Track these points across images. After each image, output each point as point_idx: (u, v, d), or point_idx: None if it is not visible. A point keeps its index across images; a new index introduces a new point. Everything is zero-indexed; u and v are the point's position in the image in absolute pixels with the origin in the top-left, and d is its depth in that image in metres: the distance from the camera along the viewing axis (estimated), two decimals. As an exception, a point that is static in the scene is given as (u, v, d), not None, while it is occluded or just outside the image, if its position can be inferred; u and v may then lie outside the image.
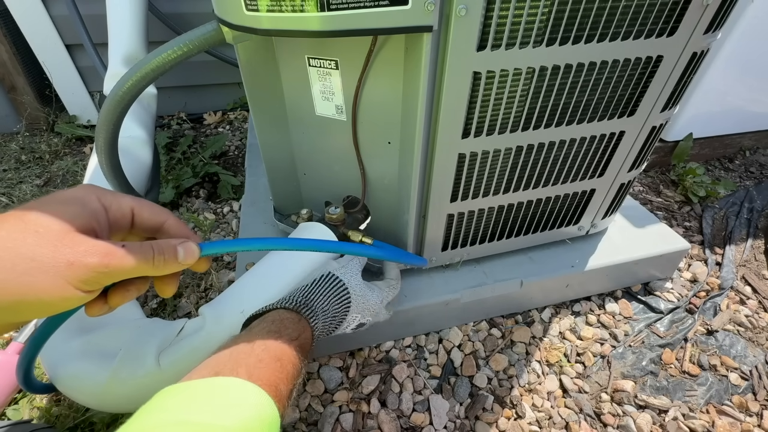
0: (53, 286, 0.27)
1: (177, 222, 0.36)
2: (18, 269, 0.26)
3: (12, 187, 1.20)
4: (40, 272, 0.26)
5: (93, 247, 0.28)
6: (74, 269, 0.27)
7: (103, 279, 0.29)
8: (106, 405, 0.53)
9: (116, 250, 0.29)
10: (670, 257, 0.84)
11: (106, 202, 0.32)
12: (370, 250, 0.53)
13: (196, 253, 0.34)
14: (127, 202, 0.33)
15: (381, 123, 0.56)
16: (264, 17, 0.42)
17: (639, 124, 0.61)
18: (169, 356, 0.52)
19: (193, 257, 0.34)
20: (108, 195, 0.32)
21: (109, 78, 0.95)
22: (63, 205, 0.29)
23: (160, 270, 0.32)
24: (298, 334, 0.45)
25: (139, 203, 0.34)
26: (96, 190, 0.32)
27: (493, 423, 0.67)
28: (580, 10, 0.45)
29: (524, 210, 0.69)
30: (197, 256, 0.34)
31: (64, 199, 0.30)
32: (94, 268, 0.28)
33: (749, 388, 0.73)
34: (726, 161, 1.36)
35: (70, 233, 0.28)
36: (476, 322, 0.81)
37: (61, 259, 0.27)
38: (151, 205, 0.35)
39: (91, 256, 0.28)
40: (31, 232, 0.27)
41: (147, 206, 0.35)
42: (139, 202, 0.34)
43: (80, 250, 0.27)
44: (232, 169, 1.28)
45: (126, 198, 0.34)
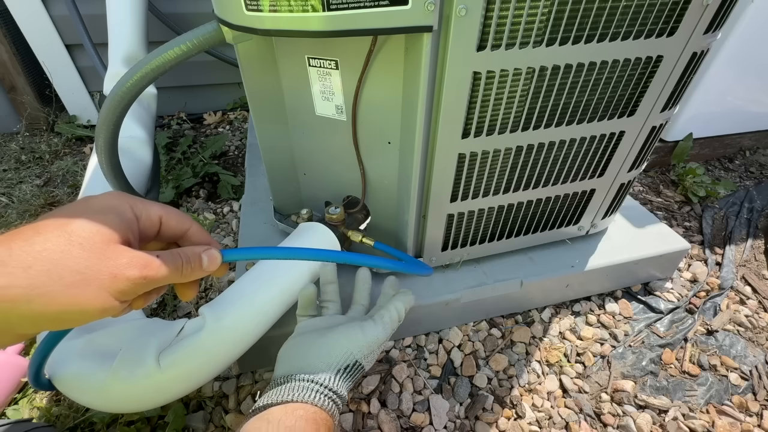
0: (97, 298, 0.28)
1: (199, 229, 0.37)
2: (65, 281, 0.26)
3: (12, 187, 1.20)
4: (86, 285, 0.27)
5: (133, 259, 0.29)
6: (116, 281, 0.28)
7: (141, 289, 0.30)
8: (106, 405, 0.53)
9: (153, 260, 0.30)
10: (670, 257, 0.84)
11: (137, 212, 0.33)
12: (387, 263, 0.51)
13: (218, 260, 0.36)
14: (156, 211, 0.34)
15: (381, 123, 0.56)
16: (264, 17, 0.42)
17: (639, 124, 0.61)
18: (169, 356, 0.52)
19: (215, 264, 0.35)
20: (139, 204, 0.33)
21: (109, 78, 0.95)
22: (101, 215, 0.30)
23: (187, 277, 0.33)
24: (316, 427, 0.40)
25: (167, 211, 0.35)
26: (128, 199, 0.33)
27: (493, 423, 0.67)
28: (580, 10, 0.45)
29: (524, 210, 0.69)
30: (219, 262, 0.36)
31: (101, 208, 0.31)
32: (134, 280, 0.29)
33: (749, 388, 0.73)
34: (726, 161, 1.36)
35: (111, 245, 0.29)
36: (476, 322, 0.81)
37: (105, 272, 0.28)
38: (177, 212, 0.36)
39: (132, 269, 0.29)
40: (75, 244, 0.27)
41: (174, 214, 0.35)
42: (167, 210, 0.35)
43: (122, 263, 0.29)
44: (232, 169, 1.28)
45: (155, 206, 0.34)
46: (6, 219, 1.06)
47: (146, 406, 0.55)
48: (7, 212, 1.08)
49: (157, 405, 0.54)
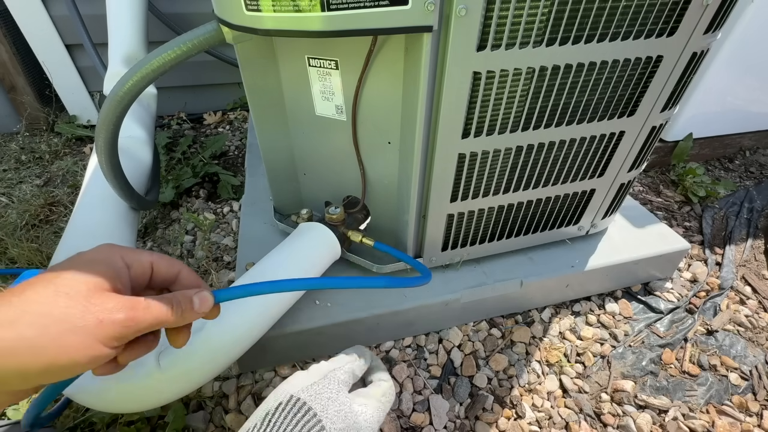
0: (84, 345, 0.27)
1: (189, 272, 0.37)
2: (51, 331, 0.26)
3: (12, 187, 1.20)
4: (72, 333, 0.27)
5: (119, 303, 0.29)
6: (103, 326, 0.28)
7: (130, 333, 0.30)
8: (106, 405, 0.53)
9: (140, 303, 0.30)
10: (670, 257, 0.84)
11: (128, 260, 0.33)
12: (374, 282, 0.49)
13: (210, 302, 0.35)
14: (147, 258, 0.35)
15: (381, 123, 0.56)
16: (264, 17, 0.42)
17: (639, 124, 0.61)
18: (169, 356, 0.52)
19: (207, 305, 0.35)
20: (129, 253, 0.34)
21: (109, 78, 0.95)
22: (89, 266, 0.30)
23: (179, 320, 0.33)
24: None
25: (158, 257, 0.35)
26: (119, 249, 0.33)
27: (493, 423, 0.67)
28: (580, 10, 0.45)
29: (524, 210, 0.69)
30: (211, 304, 0.36)
31: (89, 259, 0.31)
32: (122, 323, 0.29)
33: (749, 388, 0.73)
34: (726, 161, 1.36)
35: (97, 292, 0.29)
36: (476, 322, 0.81)
37: (90, 318, 0.27)
38: (167, 257, 0.36)
39: (119, 312, 0.29)
40: (61, 294, 0.27)
41: (164, 259, 0.36)
42: (157, 256, 0.35)
43: (108, 307, 0.28)
44: (232, 169, 1.28)
45: (145, 253, 0.35)
46: (6, 219, 1.06)
47: (146, 406, 0.55)
48: (7, 212, 1.08)
49: (157, 405, 0.54)
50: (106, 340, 0.28)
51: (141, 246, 1.01)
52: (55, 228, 1.05)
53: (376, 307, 0.69)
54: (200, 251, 0.98)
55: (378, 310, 0.69)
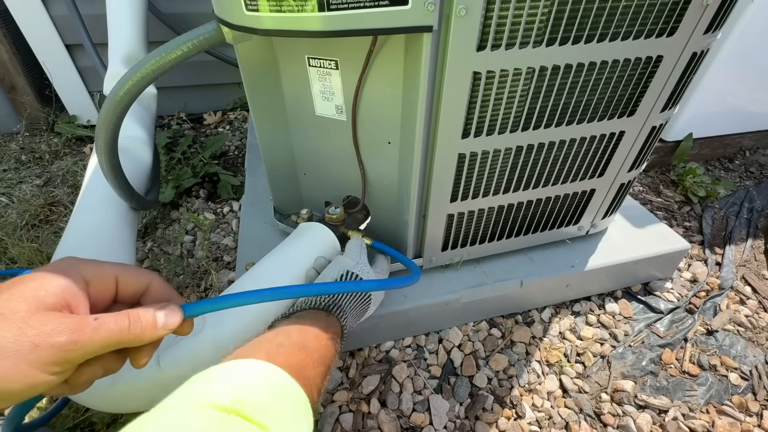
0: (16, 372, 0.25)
1: (161, 283, 0.34)
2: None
3: (12, 187, 1.20)
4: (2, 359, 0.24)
5: (61, 324, 0.26)
6: (40, 351, 0.25)
7: (74, 358, 0.27)
8: (106, 405, 0.53)
9: (87, 323, 0.27)
10: (670, 257, 0.84)
11: (88, 275, 0.30)
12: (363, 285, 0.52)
13: (178, 317, 0.32)
14: (110, 270, 0.32)
15: (381, 123, 0.56)
16: (264, 17, 0.42)
17: (639, 124, 0.61)
18: (169, 357, 0.52)
19: (175, 321, 0.32)
20: (90, 267, 0.31)
21: (109, 78, 0.95)
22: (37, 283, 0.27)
23: (138, 340, 0.30)
24: (326, 325, 0.45)
25: (123, 269, 0.32)
26: (79, 263, 0.31)
27: (493, 423, 0.67)
28: (580, 10, 0.45)
29: (524, 210, 0.69)
30: (180, 319, 0.32)
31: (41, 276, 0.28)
32: (62, 347, 0.26)
33: (749, 388, 0.73)
34: (726, 161, 1.36)
35: (37, 313, 0.26)
36: (476, 322, 0.81)
37: (24, 342, 0.25)
38: (135, 268, 0.33)
39: (59, 335, 0.26)
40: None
41: (132, 271, 0.33)
42: (123, 269, 0.32)
43: (47, 330, 0.25)
44: (232, 169, 1.28)
45: (108, 265, 0.32)
46: (6, 219, 1.06)
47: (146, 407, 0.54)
48: (7, 212, 1.08)
49: (157, 405, 0.54)
50: (42, 366, 0.25)
51: (141, 246, 1.01)
52: (55, 228, 1.05)
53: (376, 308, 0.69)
54: (200, 251, 0.98)
55: (378, 310, 0.69)
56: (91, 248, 0.62)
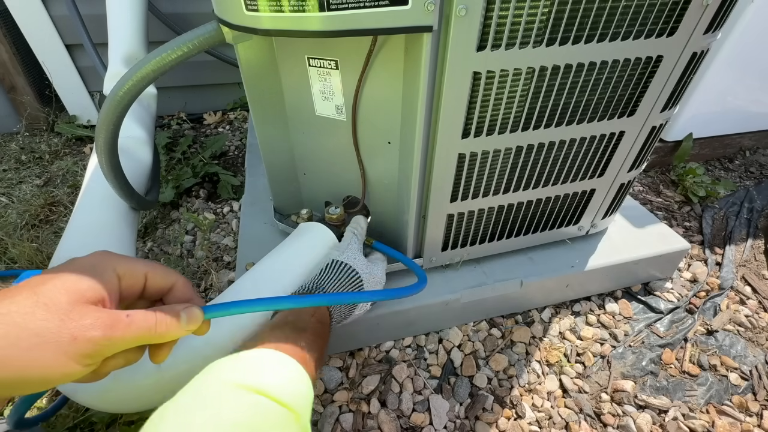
0: (55, 362, 0.26)
1: (185, 283, 0.36)
2: (22, 345, 0.25)
3: (12, 187, 1.20)
4: (43, 348, 0.26)
5: (98, 319, 0.28)
6: (77, 344, 0.27)
7: (106, 351, 0.29)
8: (106, 405, 0.53)
9: (120, 320, 0.29)
10: (670, 257, 0.84)
11: (120, 271, 0.32)
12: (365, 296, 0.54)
13: (199, 318, 0.34)
14: (141, 268, 0.33)
15: (381, 123, 0.56)
16: (264, 17, 0.42)
17: (639, 124, 0.61)
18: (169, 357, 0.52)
19: (196, 322, 0.34)
20: (123, 263, 0.32)
21: (109, 78, 0.95)
22: (76, 275, 0.29)
23: (162, 337, 0.32)
24: (313, 311, 0.50)
25: (152, 268, 0.34)
26: (113, 259, 0.32)
27: (493, 423, 0.67)
28: (580, 10, 0.45)
29: (524, 210, 0.69)
30: (200, 320, 0.34)
31: (79, 267, 0.30)
32: (96, 342, 0.27)
33: (749, 388, 0.73)
34: (726, 161, 1.36)
35: (78, 306, 0.27)
36: (476, 322, 0.81)
37: (64, 334, 0.26)
38: (163, 268, 0.35)
39: (95, 330, 0.27)
40: (41, 305, 0.26)
41: (160, 270, 0.35)
42: (153, 267, 0.34)
43: (85, 324, 0.27)
44: (232, 169, 1.28)
45: (140, 263, 0.34)
46: (6, 219, 1.06)
47: (146, 406, 0.55)
48: (7, 212, 1.08)
49: (157, 405, 0.54)
50: (78, 358, 0.27)
51: (141, 246, 1.01)
52: (55, 228, 1.05)
53: (376, 308, 0.69)
54: (200, 251, 0.98)
55: (378, 310, 0.69)
56: (91, 248, 0.61)
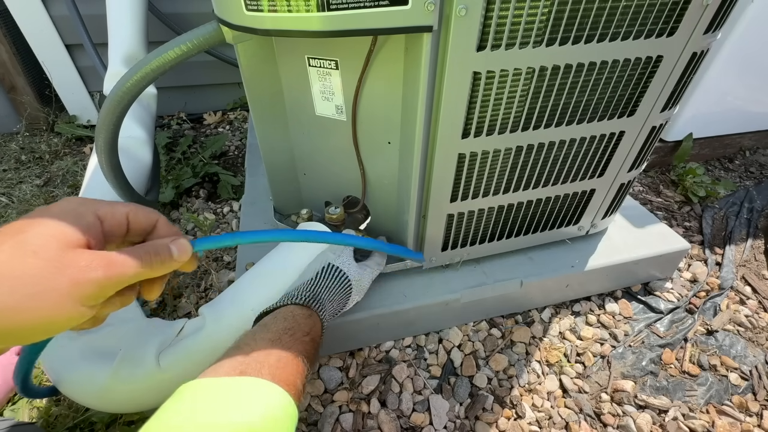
0: (59, 307, 0.26)
1: (166, 222, 0.36)
2: (18, 295, 0.25)
3: (12, 187, 1.20)
4: (44, 295, 0.26)
5: (93, 260, 0.28)
6: (79, 287, 0.27)
7: (108, 291, 0.29)
8: (106, 405, 0.53)
9: (116, 257, 0.29)
10: (670, 257, 0.84)
11: (101, 214, 0.31)
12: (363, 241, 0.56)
13: (189, 249, 0.34)
14: (122, 210, 0.33)
15: (381, 123, 0.56)
16: (264, 17, 0.42)
17: (639, 124, 0.61)
18: (169, 356, 0.52)
19: (186, 254, 0.34)
20: (103, 206, 0.32)
21: (109, 78, 0.95)
22: (57, 220, 0.28)
23: (156, 271, 0.32)
24: (309, 328, 0.48)
25: (133, 209, 0.34)
26: (91, 203, 0.32)
27: (493, 423, 0.67)
28: (580, 10, 0.45)
29: (524, 210, 0.69)
30: (190, 251, 0.34)
31: (58, 213, 0.29)
32: (98, 282, 0.27)
33: (749, 388, 0.73)
34: (726, 161, 1.36)
35: (68, 250, 0.27)
36: (476, 322, 0.81)
37: (63, 280, 0.26)
38: (143, 208, 0.35)
39: (95, 270, 0.27)
40: (29, 254, 0.26)
41: (141, 210, 0.34)
42: (134, 208, 0.34)
43: (82, 266, 0.27)
44: (232, 169, 1.28)
45: (119, 205, 0.33)
46: (6, 219, 1.06)
47: (146, 406, 0.55)
48: (7, 212, 1.08)
49: (157, 405, 0.54)
50: (83, 300, 0.27)
51: (141, 246, 1.01)
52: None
53: (376, 307, 0.69)
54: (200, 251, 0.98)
55: (378, 310, 0.69)
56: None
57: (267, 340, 0.42)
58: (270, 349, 0.40)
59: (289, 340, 0.43)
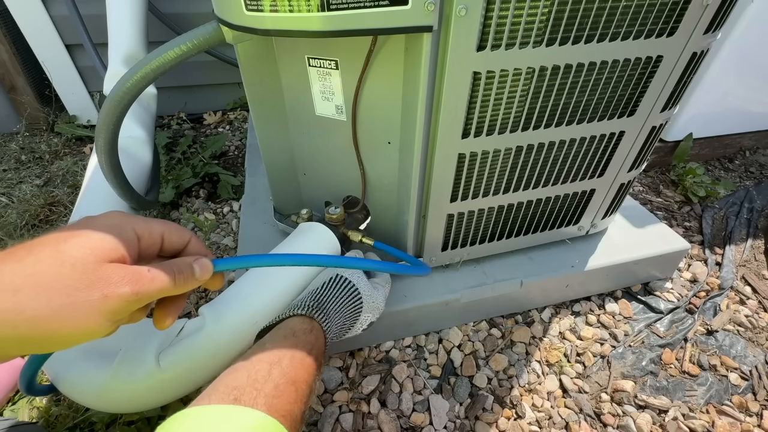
0: (87, 320, 0.27)
1: (197, 241, 0.37)
2: (53, 305, 0.25)
3: (12, 187, 1.20)
4: (75, 308, 0.26)
5: (124, 276, 0.28)
6: (108, 301, 0.27)
7: (133, 306, 0.29)
8: (106, 405, 0.53)
9: (144, 275, 0.30)
10: (670, 257, 0.84)
11: (139, 231, 0.32)
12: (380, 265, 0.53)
13: (210, 269, 0.35)
14: (158, 228, 0.34)
15: (381, 123, 0.56)
16: (264, 17, 0.42)
17: (639, 124, 0.61)
18: (168, 356, 0.52)
19: (208, 273, 0.35)
20: (141, 223, 0.33)
21: (109, 78, 0.95)
22: (98, 234, 0.29)
23: (180, 288, 0.33)
24: (311, 346, 0.46)
25: (168, 228, 0.35)
26: (131, 219, 0.32)
27: (493, 423, 0.67)
28: (580, 10, 0.45)
29: (524, 210, 0.69)
30: (211, 271, 0.35)
31: (99, 226, 0.30)
32: (125, 298, 0.28)
33: (749, 388, 0.73)
34: (726, 161, 1.36)
35: (104, 264, 0.28)
36: (476, 322, 0.81)
37: (95, 293, 0.27)
38: (177, 227, 0.36)
39: (124, 286, 0.28)
40: (67, 265, 0.26)
41: (175, 229, 0.35)
42: (168, 227, 0.35)
43: (113, 281, 0.28)
44: (232, 169, 1.28)
45: (156, 224, 0.34)
46: (6, 219, 1.06)
47: (146, 406, 0.55)
48: (7, 212, 1.08)
49: (157, 405, 0.54)
50: (109, 315, 0.28)
51: (141, 246, 1.01)
52: (55, 228, 1.05)
53: (376, 307, 0.69)
54: (200, 251, 0.97)
55: (378, 310, 0.69)
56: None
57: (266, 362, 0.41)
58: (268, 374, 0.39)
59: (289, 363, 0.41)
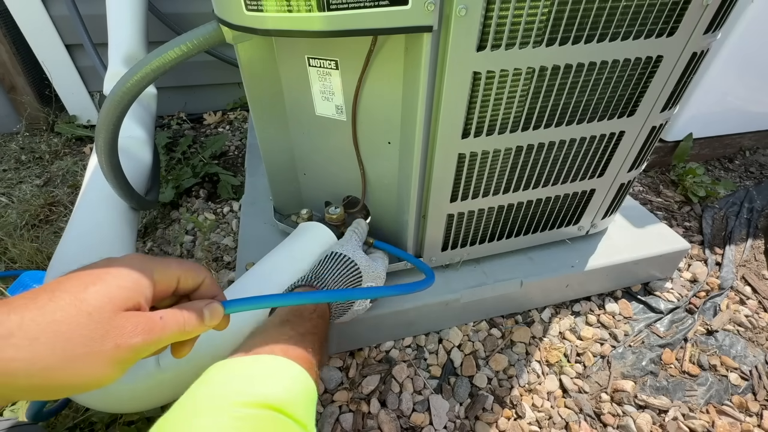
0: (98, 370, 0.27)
1: (211, 281, 0.37)
2: (68, 355, 0.26)
3: (12, 187, 1.20)
4: (89, 358, 0.26)
5: (138, 325, 0.29)
6: (119, 351, 0.27)
7: (143, 354, 0.30)
8: (106, 405, 0.53)
9: (156, 323, 0.30)
10: (670, 257, 0.84)
11: (156, 277, 0.32)
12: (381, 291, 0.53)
13: (220, 314, 0.35)
14: (175, 272, 0.34)
15: (381, 123, 0.56)
16: (264, 17, 0.42)
17: (639, 124, 0.61)
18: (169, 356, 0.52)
19: (218, 317, 0.35)
20: (160, 268, 0.33)
21: (109, 78, 0.95)
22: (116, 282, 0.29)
23: (189, 334, 0.33)
24: (314, 307, 0.51)
25: (184, 270, 0.35)
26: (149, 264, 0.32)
27: (493, 423, 0.67)
28: (580, 11, 0.45)
29: (524, 210, 0.69)
30: (221, 316, 0.36)
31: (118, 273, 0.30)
32: (136, 348, 0.28)
33: (749, 388, 0.73)
34: (726, 161, 1.36)
35: (119, 313, 0.28)
36: (476, 322, 0.81)
37: (108, 342, 0.27)
38: (193, 268, 0.36)
39: (136, 336, 0.28)
40: (84, 313, 0.27)
41: (191, 272, 0.35)
42: (184, 269, 0.35)
43: (127, 331, 0.28)
44: (232, 169, 1.28)
45: (174, 266, 0.34)
46: (6, 219, 1.06)
47: (147, 406, 0.55)
48: (7, 212, 1.08)
49: (157, 405, 0.54)
50: (119, 365, 0.28)
51: (141, 246, 1.01)
52: (55, 228, 1.05)
53: (376, 307, 0.69)
54: (200, 251, 0.98)
55: (378, 310, 0.69)
56: (91, 248, 0.62)
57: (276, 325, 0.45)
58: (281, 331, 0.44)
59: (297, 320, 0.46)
